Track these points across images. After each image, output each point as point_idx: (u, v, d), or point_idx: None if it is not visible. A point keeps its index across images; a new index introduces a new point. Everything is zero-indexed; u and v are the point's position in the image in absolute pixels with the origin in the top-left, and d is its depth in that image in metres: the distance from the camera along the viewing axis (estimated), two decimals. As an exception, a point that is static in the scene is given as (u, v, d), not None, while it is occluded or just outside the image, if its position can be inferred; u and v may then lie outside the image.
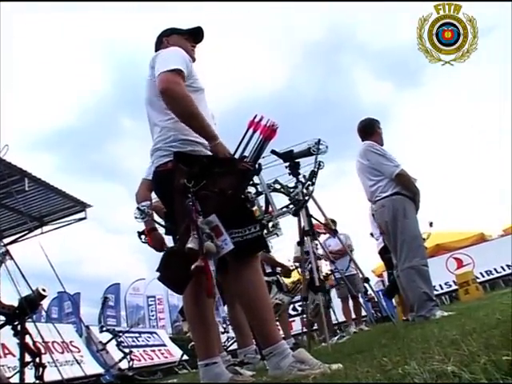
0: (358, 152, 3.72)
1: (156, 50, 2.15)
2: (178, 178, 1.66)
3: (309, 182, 3.38)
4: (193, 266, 1.49)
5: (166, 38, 2.13)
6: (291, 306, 8.02)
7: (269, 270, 4.56)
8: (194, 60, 2.08)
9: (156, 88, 1.80)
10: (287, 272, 4.69)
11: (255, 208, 3.16)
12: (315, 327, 5.70)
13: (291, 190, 3.38)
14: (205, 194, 1.60)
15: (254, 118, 1.76)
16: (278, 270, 4.75)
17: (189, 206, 1.57)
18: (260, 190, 3.27)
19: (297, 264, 4.94)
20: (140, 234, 3.04)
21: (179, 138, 1.79)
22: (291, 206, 3.31)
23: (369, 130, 3.79)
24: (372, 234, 5.51)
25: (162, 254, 1.73)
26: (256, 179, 3.13)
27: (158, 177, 1.85)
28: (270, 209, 3.26)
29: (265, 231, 3.04)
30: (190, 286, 1.66)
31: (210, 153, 1.79)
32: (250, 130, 1.75)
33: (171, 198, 1.72)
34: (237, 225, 1.67)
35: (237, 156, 1.73)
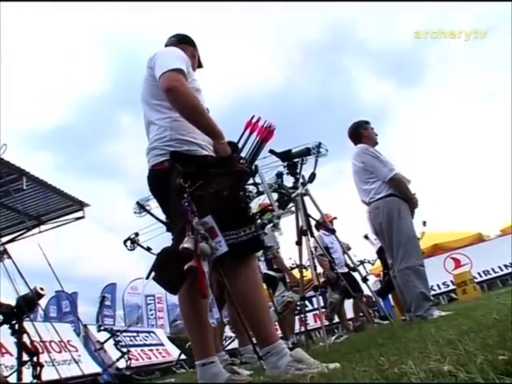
0: (352, 155, 3.72)
1: None
2: (174, 178, 1.66)
3: (309, 184, 3.41)
4: (186, 266, 1.48)
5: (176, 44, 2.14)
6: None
7: (276, 266, 4.56)
8: (194, 69, 2.09)
9: (152, 87, 1.85)
10: (295, 281, 4.56)
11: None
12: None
13: (291, 191, 3.39)
14: (200, 195, 1.59)
15: (251, 118, 1.75)
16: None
17: (184, 206, 1.56)
18: (261, 189, 3.28)
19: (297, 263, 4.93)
20: (125, 241, 3.03)
21: (176, 137, 1.78)
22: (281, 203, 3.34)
23: (356, 135, 3.79)
24: (366, 237, 5.52)
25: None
26: (257, 178, 3.15)
27: (154, 176, 1.84)
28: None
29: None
30: (185, 286, 1.65)
31: (206, 153, 1.79)
32: (247, 131, 1.73)
33: (167, 197, 1.71)
34: (232, 227, 1.66)
35: None
